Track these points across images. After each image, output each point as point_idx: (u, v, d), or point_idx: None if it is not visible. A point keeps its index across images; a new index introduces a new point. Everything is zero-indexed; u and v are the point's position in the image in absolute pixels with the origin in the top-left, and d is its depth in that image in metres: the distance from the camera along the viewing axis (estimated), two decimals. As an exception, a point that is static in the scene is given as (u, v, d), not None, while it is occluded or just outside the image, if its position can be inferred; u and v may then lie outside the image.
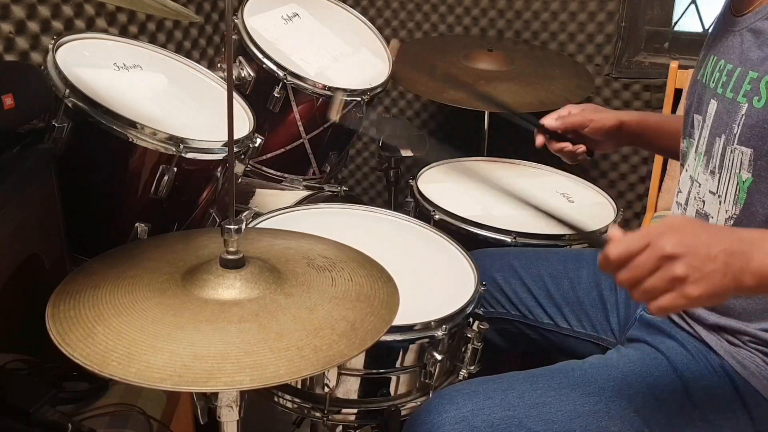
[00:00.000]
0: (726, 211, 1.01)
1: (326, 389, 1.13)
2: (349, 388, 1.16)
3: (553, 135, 1.37)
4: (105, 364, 0.74)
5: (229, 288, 0.86)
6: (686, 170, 1.12)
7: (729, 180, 1.00)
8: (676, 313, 1.12)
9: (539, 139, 1.37)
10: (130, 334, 0.78)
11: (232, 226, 0.87)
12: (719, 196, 1.02)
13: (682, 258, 0.81)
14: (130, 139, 1.27)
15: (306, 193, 1.73)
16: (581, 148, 1.37)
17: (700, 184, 1.06)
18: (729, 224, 1.01)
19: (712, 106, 1.05)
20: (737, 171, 0.99)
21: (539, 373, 1.07)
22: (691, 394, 1.00)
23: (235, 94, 1.34)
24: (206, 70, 1.60)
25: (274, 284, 0.89)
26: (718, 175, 1.02)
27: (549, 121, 1.36)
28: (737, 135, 0.98)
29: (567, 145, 1.36)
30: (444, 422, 0.99)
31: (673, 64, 2.15)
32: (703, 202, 1.05)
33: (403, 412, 1.17)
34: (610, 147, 1.39)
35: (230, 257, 0.88)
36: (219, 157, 1.36)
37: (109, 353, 0.75)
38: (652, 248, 0.82)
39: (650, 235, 0.83)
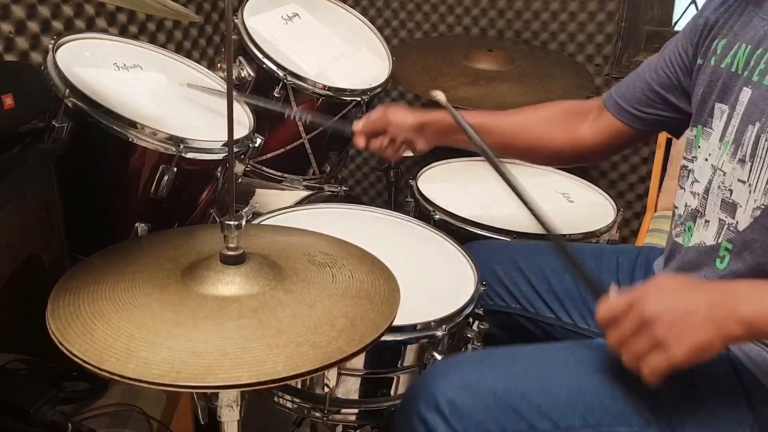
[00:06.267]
0: (755, 200, 0.99)
1: (326, 389, 1.13)
2: (349, 388, 1.15)
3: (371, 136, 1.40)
4: (103, 360, 0.74)
5: (228, 284, 0.86)
6: (703, 159, 1.10)
7: (762, 169, 0.99)
8: None
9: (359, 141, 1.40)
10: (128, 330, 0.78)
11: (232, 222, 0.87)
12: (749, 185, 1.01)
13: (660, 318, 0.86)
14: (130, 139, 1.27)
15: (306, 193, 1.73)
16: (386, 148, 1.39)
17: (725, 173, 1.04)
18: (756, 214, 0.99)
19: (746, 94, 1.03)
20: None
21: (546, 347, 1.07)
22: (696, 382, 0.99)
23: (235, 94, 1.34)
24: (206, 70, 1.60)
25: (274, 280, 0.88)
26: (749, 163, 1.01)
27: (356, 125, 1.40)
28: None
29: (380, 143, 1.38)
30: (447, 387, 0.99)
31: (673, 64, 2.15)
32: (731, 191, 1.03)
33: (403, 412, 1.17)
34: (422, 146, 1.40)
35: (230, 253, 0.88)
36: (219, 157, 1.36)
37: (107, 349, 0.75)
38: (633, 311, 0.88)
39: (634, 296, 0.89)
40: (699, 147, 1.12)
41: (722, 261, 1.04)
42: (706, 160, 1.10)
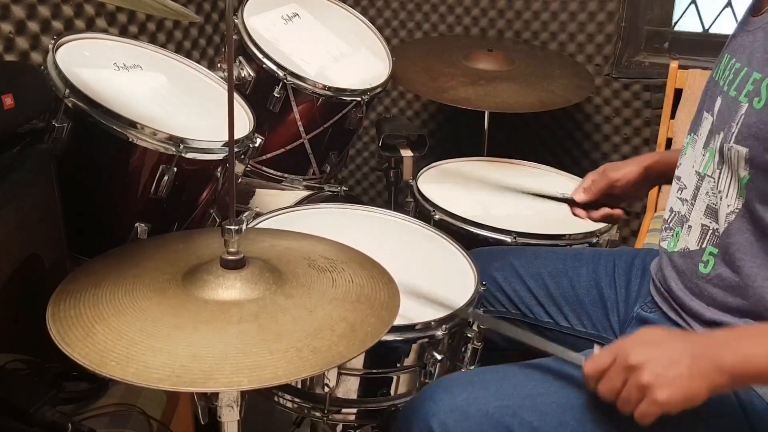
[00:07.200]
0: (728, 206, 1.01)
1: (326, 389, 1.13)
2: (349, 388, 1.16)
3: (588, 205, 1.37)
4: (103, 363, 0.74)
5: (229, 288, 0.86)
6: (690, 166, 1.12)
7: (730, 176, 1.01)
8: (673, 311, 1.12)
9: (580, 213, 1.37)
10: (129, 334, 0.78)
11: (232, 227, 0.87)
12: (720, 191, 1.03)
13: (644, 366, 0.88)
14: (130, 139, 1.27)
15: (306, 193, 1.73)
16: (618, 211, 1.36)
17: (713, 179, 1.06)
18: (730, 219, 1.01)
19: (718, 104, 1.05)
20: (736, 168, 0.99)
21: (535, 364, 1.07)
22: None
23: (235, 94, 1.34)
24: (206, 70, 1.60)
25: (275, 285, 0.89)
26: (718, 170, 1.03)
27: (578, 195, 1.36)
28: (734, 134, 0.99)
29: (606, 211, 1.35)
30: (439, 410, 0.99)
31: (673, 64, 2.15)
32: (716, 197, 1.05)
33: (402, 412, 1.17)
34: (642, 195, 1.40)
35: (231, 258, 0.88)
36: (219, 157, 1.36)
37: (108, 353, 0.76)
38: (618, 362, 0.91)
39: (617, 349, 0.92)
40: (686, 154, 1.14)
41: (706, 266, 1.05)
42: (692, 166, 1.12)
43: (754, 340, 0.91)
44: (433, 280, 1.28)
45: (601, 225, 1.59)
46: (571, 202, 1.37)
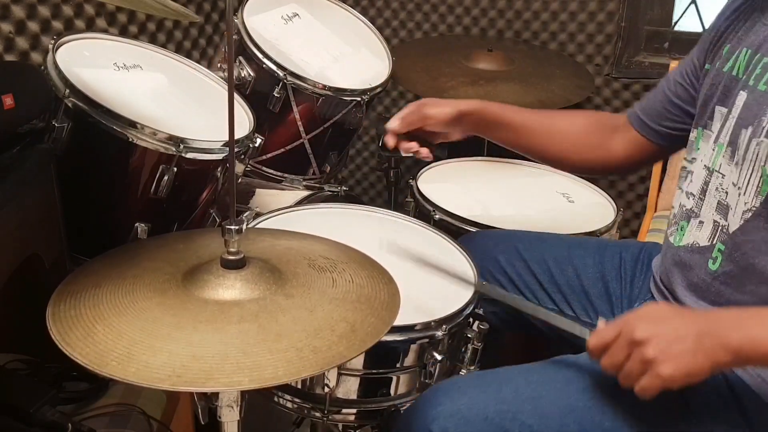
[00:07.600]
0: (745, 203, 1.00)
1: (326, 389, 1.13)
2: (349, 388, 1.16)
3: (402, 135, 1.33)
4: (104, 363, 0.74)
5: (229, 288, 0.86)
6: (700, 161, 1.11)
7: (752, 172, 1.00)
8: None
9: (390, 141, 1.33)
10: (129, 334, 0.78)
11: (232, 227, 0.87)
12: (739, 188, 1.02)
13: (650, 341, 0.88)
14: (130, 139, 1.27)
15: (306, 193, 1.73)
16: (424, 150, 1.33)
17: (723, 175, 1.05)
18: (747, 216, 1.00)
19: (741, 98, 1.04)
20: (762, 163, 0.98)
21: (534, 367, 1.07)
22: (686, 392, 1.00)
23: (235, 94, 1.34)
24: (206, 70, 1.60)
25: (275, 285, 0.88)
26: (740, 166, 1.02)
27: (393, 123, 1.33)
28: (766, 128, 0.98)
29: (413, 146, 1.32)
30: (439, 415, 1.00)
31: (673, 64, 2.16)
32: (726, 193, 1.04)
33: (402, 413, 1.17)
34: (456, 136, 1.38)
35: (231, 257, 0.88)
36: (219, 157, 1.36)
37: (108, 353, 0.75)
38: (623, 336, 0.91)
39: (622, 323, 0.92)
40: (698, 149, 1.13)
41: (715, 262, 1.05)
42: (700, 161, 1.11)
43: (761, 322, 0.90)
44: (433, 280, 1.27)
45: (601, 225, 1.59)
46: (384, 130, 1.34)
